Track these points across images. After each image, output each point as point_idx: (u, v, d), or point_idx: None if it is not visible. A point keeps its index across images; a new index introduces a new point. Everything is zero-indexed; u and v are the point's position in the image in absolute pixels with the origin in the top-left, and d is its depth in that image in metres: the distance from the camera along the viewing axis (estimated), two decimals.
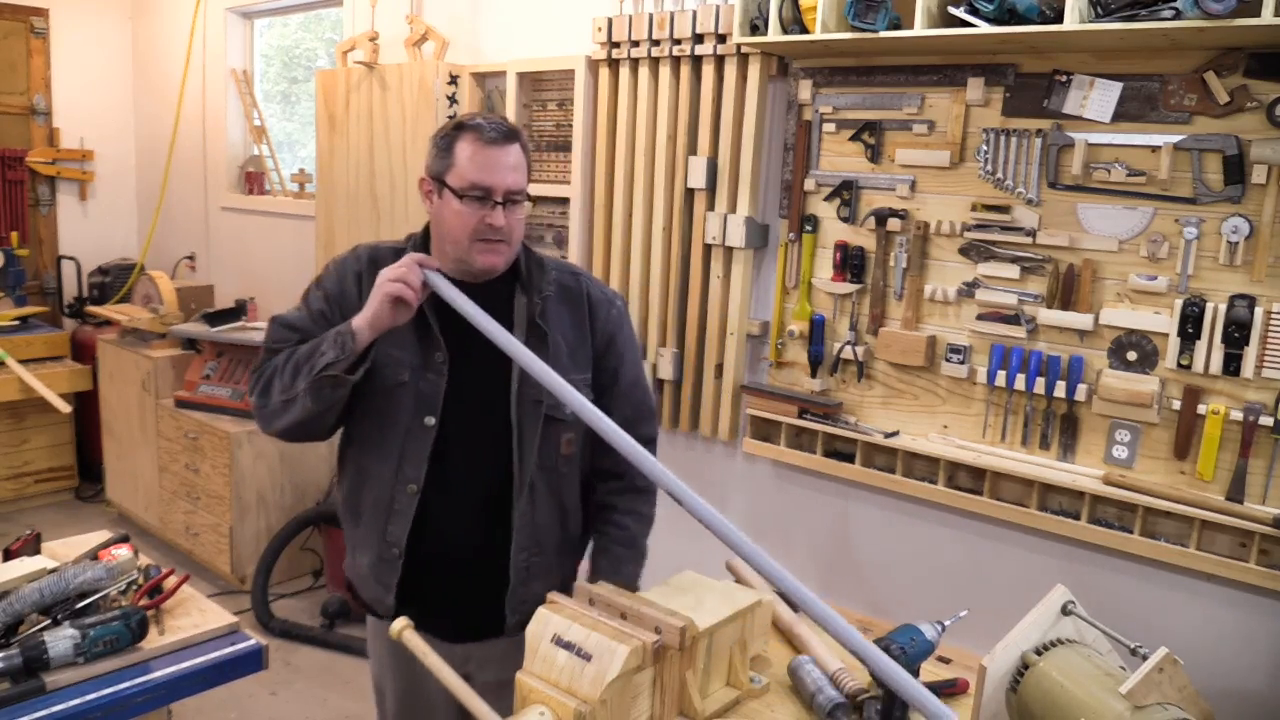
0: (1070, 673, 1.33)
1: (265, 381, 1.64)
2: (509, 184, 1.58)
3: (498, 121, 1.60)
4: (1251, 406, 2.02)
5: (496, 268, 1.63)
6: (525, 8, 3.32)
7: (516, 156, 1.60)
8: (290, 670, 3.29)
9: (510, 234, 1.61)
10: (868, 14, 2.23)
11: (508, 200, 1.58)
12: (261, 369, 1.67)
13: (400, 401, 1.64)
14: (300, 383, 1.57)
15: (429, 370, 1.64)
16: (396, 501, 1.66)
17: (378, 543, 1.68)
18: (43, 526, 2.22)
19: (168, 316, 4.15)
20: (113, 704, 1.55)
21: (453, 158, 1.58)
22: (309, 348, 1.60)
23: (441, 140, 1.61)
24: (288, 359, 1.62)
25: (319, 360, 1.55)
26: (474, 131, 1.58)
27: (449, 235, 1.62)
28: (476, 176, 1.56)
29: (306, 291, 1.74)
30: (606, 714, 1.27)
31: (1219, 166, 2.02)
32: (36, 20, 4.90)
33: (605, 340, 1.73)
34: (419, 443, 1.64)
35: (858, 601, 2.59)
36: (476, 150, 1.57)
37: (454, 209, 1.58)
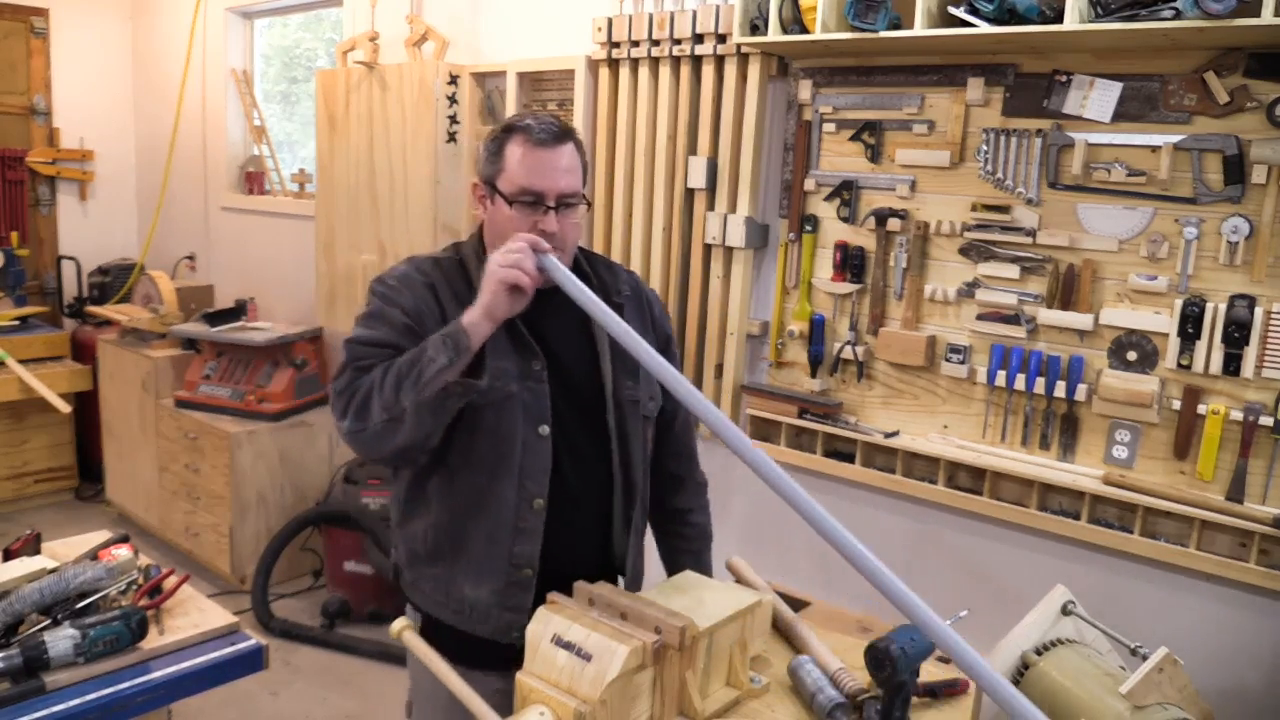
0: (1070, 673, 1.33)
1: (360, 402, 1.45)
2: (561, 187, 1.51)
3: (549, 121, 1.53)
4: (1251, 406, 2.02)
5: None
6: (525, 8, 3.32)
7: (569, 158, 1.53)
8: (290, 670, 3.29)
9: (564, 240, 1.53)
10: (868, 14, 2.23)
11: (560, 204, 1.51)
12: (350, 388, 1.48)
13: (512, 414, 1.53)
14: (407, 397, 1.40)
15: (530, 379, 1.54)
16: (522, 519, 1.54)
17: (503, 567, 1.55)
18: (43, 526, 2.22)
19: (168, 316, 4.15)
20: (113, 704, 1.55)
21: (503, 161, 1.52)
22: (409, 358, 1.43)
23: (491, 143, 1.55)
24: (385, 373, 1.45)
25: (428, 368, 1.39)
26: (523, 133, 1.51)
27: (501, 241, 1.50)
28: (527, 181, 1.50)
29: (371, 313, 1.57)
30: (606, 714, 1.27)
31: (1219, 166, 2.02)
32: (36, 20, 4.90)
33: (664, 339, 1.72)
34: (537, 455, 1.54)
35: (858, 601, 2.59)
36: (526, 153, 1.50)
37: (505, 215, 1.52)
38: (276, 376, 3.89)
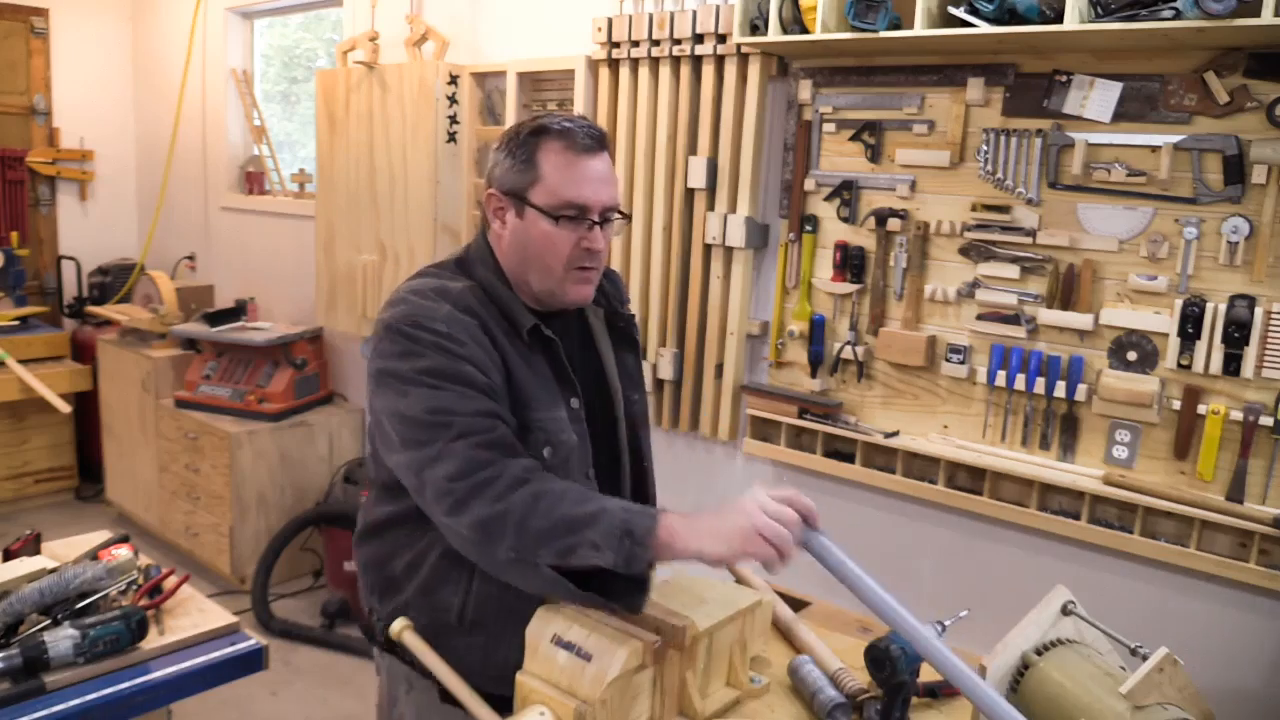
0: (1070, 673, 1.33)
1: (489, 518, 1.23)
2: (605, 200, 1.37)
3: (586, 124, 1.38)
4: (1251, 406, 2.02)
5: (587, 300, 1.44)
6: (525, 8, 3.32)
7: (610, 165, 1.39)
8: (290, 670, 3.29)
9: (603, 259, 1.41)
10: (868, 14, 2.23)
11: (604, 219, 1.38)
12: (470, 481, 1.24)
13: (571, 466, 1.41)
14: (546, 556, 1.21)
15: (574, 421, 1.42)
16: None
17: None
18: (43, 526, 2.22)
19: (168, 316, 4.15)
20: (113, 704, 1.55)
21: (537, 170, 1.35)
22: (565, 520, 1.19)
23: (519, 149, 1.37)
24: (531, 509, 1.21)
25: (585, 551, 1.18)
26: (563, 138, 1.35)
27: (535, 262, 1.38)
28: (572, 193, 1.34)
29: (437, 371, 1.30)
30: (606, 714, 1.27)
31: (1219, 166, 2.02)
32: (36, 20, 4.90)
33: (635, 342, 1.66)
34: None
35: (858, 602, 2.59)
36: (568, 161, 1.34)
37: (543, 231, 1.36)
38: (276, 376, 3.89)
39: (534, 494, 1.22)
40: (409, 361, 1.31)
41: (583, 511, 1.20)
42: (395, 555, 1.47)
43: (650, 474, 1.64)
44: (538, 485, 1.24)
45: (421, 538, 1.42)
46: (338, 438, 3.99)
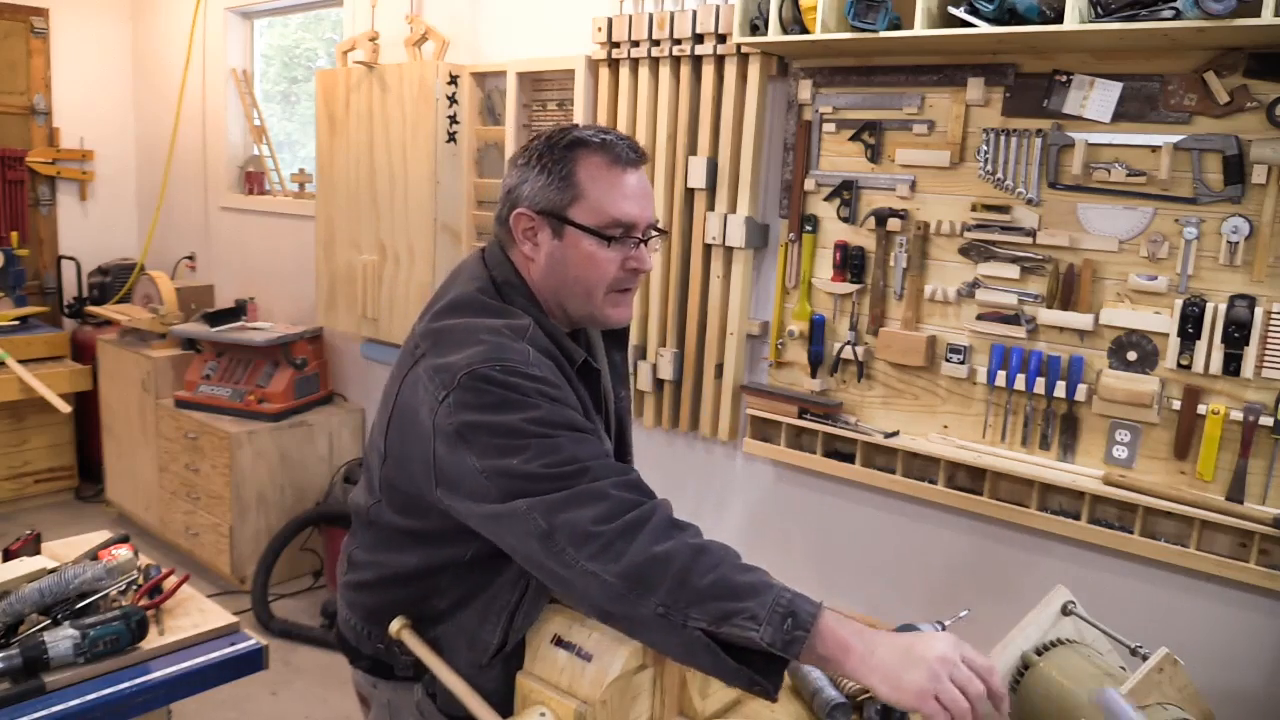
0: (1070, 673, 1.33)
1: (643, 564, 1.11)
2: (650, 216, 1.32)
3: (625, 138, 1.32)
4: (1251, 406, 2.02)
5: (626, 322, 1.38)
6: (525, 8, 3.32)
7: (647, 180, 1.34)
8: (290, 670, 3.29)
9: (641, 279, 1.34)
10: (868, 14, 2.23)
11: (645, 237, 1.33)
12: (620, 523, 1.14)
13: None
14: (698, 621, 1.08)
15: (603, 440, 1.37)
16: None
17: None
18: (43, 526, 2.22)
19: (168, 316, 4.15)
20: (113, 704, 1.55)
21: (578, 187, 1.28)
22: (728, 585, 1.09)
23: (555, 164, 1.29)
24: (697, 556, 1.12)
25: (739, 622, 1.06)
26: (605, 152, 1.28)
27: (576, 285, 1.32)
28: (618, 209, 1.28)
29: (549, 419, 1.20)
30: (607, 714, 1.27)
31: (1219, 166, 2.02)
32: (36, 20, 4.90)
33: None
34: None
35: (858, 601, 2.60)
36: (612, 175, 1.28)
37: (586, 252, 1.29)
38: (276, 376, 3.89)
39: (696, 548, 1.13)
40: (514, 413, 1.19)
41: (746, 580, 1.10)
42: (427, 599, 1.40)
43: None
44: (695, 539, 1.16)
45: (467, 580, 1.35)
46: (338, 438, 3.99)
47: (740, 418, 2.86)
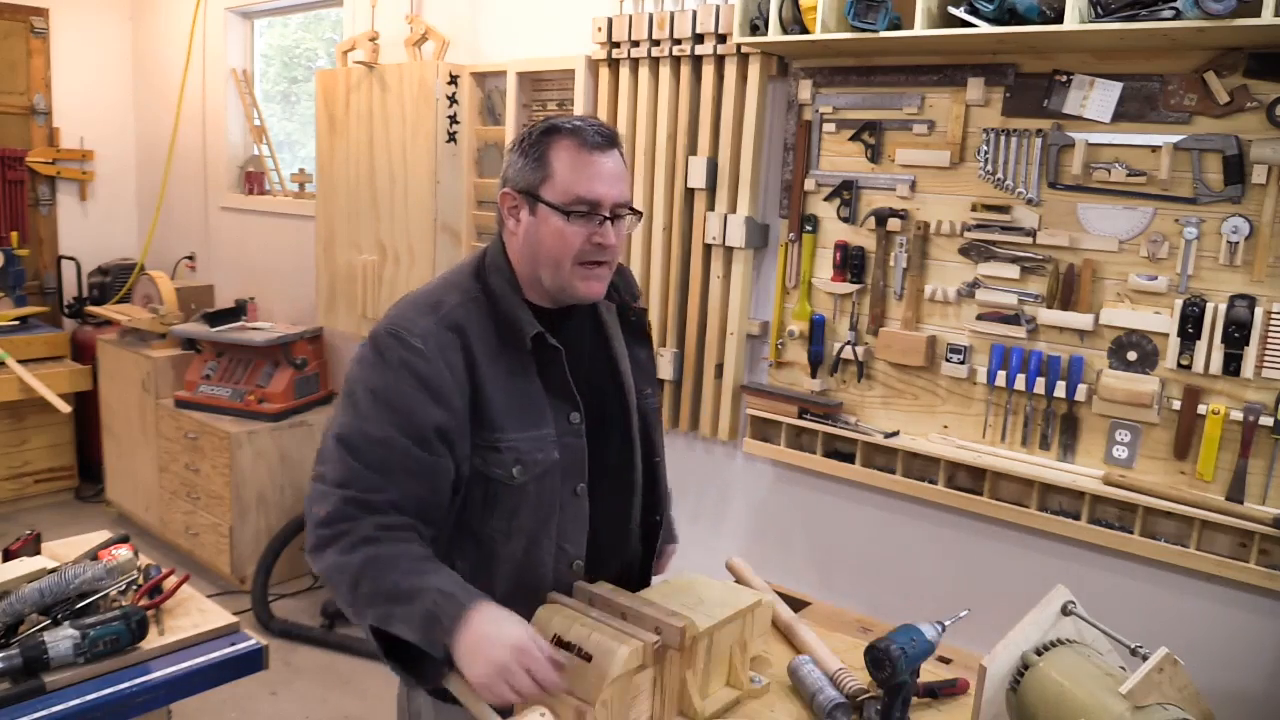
0: (1070, 673, 1.33)
1: (334, 566, 1.31)
2: (617, 196, 1.40)
3: (597, 123, 1.42)
4: (1251, 406, 2.02)
5: (598, 296, 1.45)
6: (525, 8, 3.32)
7: (620, 163, 1.42)
8: (290, 670, 3.29)
9: (614, 254, 1.43)
10: (868, 14, 2.23)
11: (615, 215, 1.41)
12: (333, 526, 1.31)
13: (551, 481, 1.44)
14: (366, 619, 1.30)
15: (566, 435, 1.45)
16: (559, 583, 1.47)
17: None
18: (43, 526, 2.22)
19: (168, 316, 4.15)
20: (113, 704, 1.55)
21: (549, 168, 1.38)
22: (397, 586, 1.26)
23: (531, 149, 1.40)
24: (362, 574, 1.27)
25: (395, 622, 1.26)
26: (573, 136, 1.39)
27: (546, 258, 1.40)
28: (583, 188, 1.37)
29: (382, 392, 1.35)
30: (607, 714, 1.27)
31: (1219, 166, 2.02)
32: (36, 20, 4.90)
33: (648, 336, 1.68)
34: (576, 516, 1.47)
35: (858, 601, 2.59)
36: (579, 157, 1.38)
37: (554, 227, 1.38)
38: (276, 376, 3.89)
39: (371, 557, 1.29)
40: (366, 374, 1.38)
41: (406, 586, 1.26)
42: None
43: (661, 469, 1.65)
44: (377, 549, 1.29)
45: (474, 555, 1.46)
46: None
47: (740, 418, 2.85)
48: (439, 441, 1.35)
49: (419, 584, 1.27)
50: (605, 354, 1.55)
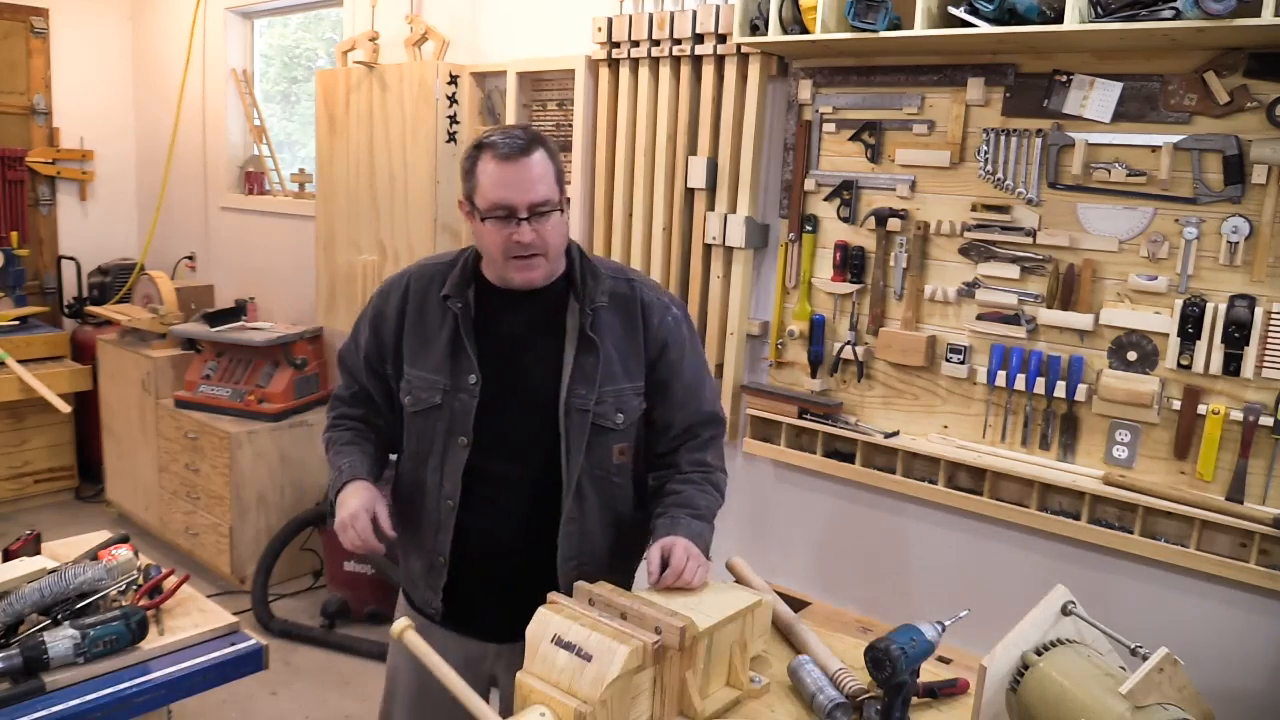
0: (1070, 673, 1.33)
1: (327, 429, 1.84)
2: (531, 198, 1.56)
3: (515, 134, 1.58)
4: (1251, 406, 2.02)
5: (534, 282, 1.63)
6: (525, 8, 3.32)
7: (539, 167, 1.57)
8: (290, 670, 3.29)
9: (545, 246, 1.59)
10: (868, 14, 2.24)
11: (533, 214, 1.56)
12: (330, 406, 1.86)
13: (435, 423, 1.67)
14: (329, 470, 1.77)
15: (461, 391, 1.65)
16: (440, 514, 1.69)
17: (428, 551, 1.72)
18: (43, 526, 2.22)
19: (168, 316, 4.15)
20: (113, 704, 1.55)
21: (476, 179, 1.59)
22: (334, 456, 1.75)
23: (465, 162, 1.62)
24: (331, 444, 1.79)
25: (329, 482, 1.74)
26: (492, 149, 1.57)
27: (486, 254, 1.65)
28: (497, 196, 1.56)
29: (358, 322, 1.81)
30: (607, 714, 1.27)
31: (1219, 166, 2.02)
32: (36, 20, 4.90)
33: (658, 348, 1.70)
34: (455, 461, 1.66)
35: (858, 601, 2.60)
36: (495, 168, 1.56)
37: (482, 229, 1.60)
38: (276, 376, 3.89)
39: (328, 439, 1.81)
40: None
41: (332, 461, 1.75)
42: None
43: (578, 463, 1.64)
44: (330, 434, 1.81)
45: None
46: None
47: (740, 418, 2.85)
48: (374, 355, 1.76)
49: (336, 461, 1.73)
50: (554, 345, 1.66)
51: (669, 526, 1.61)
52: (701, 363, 1.79)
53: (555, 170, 1.60)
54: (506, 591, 1.68)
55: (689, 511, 1.65)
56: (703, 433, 1.75)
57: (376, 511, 1.62)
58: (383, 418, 1.80)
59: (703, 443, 1.74)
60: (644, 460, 1.76)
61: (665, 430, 1.73)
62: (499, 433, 1.66)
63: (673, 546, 1.56)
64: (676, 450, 1.74)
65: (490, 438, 1.65)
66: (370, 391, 1.79)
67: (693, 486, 1.69)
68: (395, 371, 1.74)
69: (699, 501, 1.67)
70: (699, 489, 1.69)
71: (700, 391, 1.75)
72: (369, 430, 1.80)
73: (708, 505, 1.69)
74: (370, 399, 1.80)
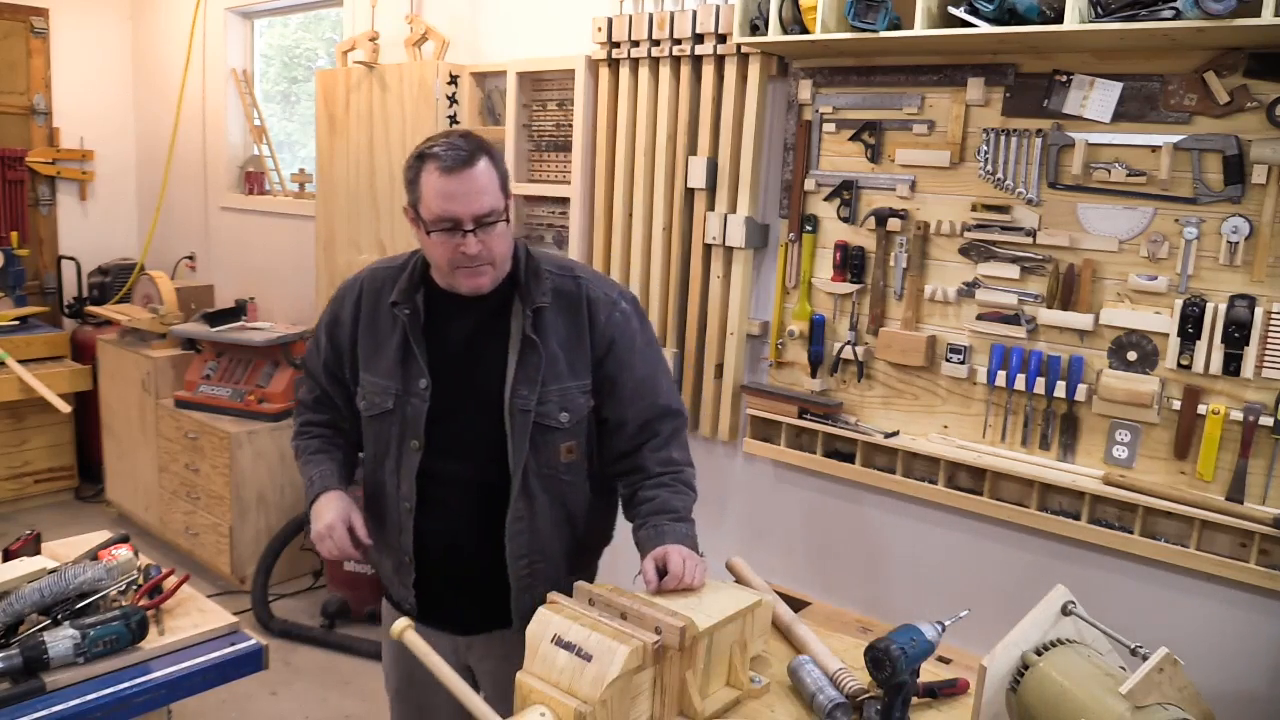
0: (1070, 673, 1.33)
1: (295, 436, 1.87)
2: (475, 210, 1.55)
3: (458, 145, 1.56)
4: (1251, 406, 2.02)
5: (482, 289, 1.63)
6: (525, 8, 3.32)
7: (484, 178, 1.56)
8: (290, 670, 3.29)
9: (491, 255, 1.59)
10: (868, 14, 2.23)
11: (480, 225, 1.56)
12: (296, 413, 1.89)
13: (389, 427, 1.70)
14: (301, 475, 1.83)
15: (412, 396, 1.67)
16: (399, 516, 1.71)
17: (395, 550, 1.75)
18: (43, 526, 2.22)
19: (168, 316, 4.15)
20: (113, 704, 1.55)
21: (419, 190, 1.57)
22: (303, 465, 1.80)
23: (409, 172, 1.60)
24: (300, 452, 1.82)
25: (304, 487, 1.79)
26: (433, 160, 1.55)
27: (433, 263, 1.65)
28: (441, 209, 1.54)
29: (317, 329, 1.83)
30: (607, 714, 1.27)
31: (1219, 166, 2.02)
32: (36, 20, 4.90)
33: (605, 344, 1.69)
34: (408, 464, 1.68)
35: (858, 601, 2.60)
36: (439, 180, 1.54)
37: (428, 240, 1.59)
38: (276, 376, 3.89)
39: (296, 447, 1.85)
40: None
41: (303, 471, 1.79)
42: None
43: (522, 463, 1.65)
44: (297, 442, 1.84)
45: None
46: None
47: (740, 418, 2.85)
48: (333, 360, 1.78)
49: (307, 471, 1.78)
50: (499, 347, 1.66)
51: (655, 537, 1.62)
52: (656, 357, 1.77)
53: (500, 177, 1.60)
54: (469, 587, 1.72)
55: (669, 516, 1.65)
56: (662, 429, 1.73)
57: (352, 521, 1.67)
58: (348, 421, 1.82)
59: (664, 440, 1.73)
60: (606, 459, 1.75)
61: (620, 427, 1.72)
62: (450, 435, 1.67)
63: (667, 554, 1.56)
64: (639, 450, 1.72)
65: (442, 440, 1.67)
66: (332, 395, 1.81)
67: (665, 490, 1.69)
68: (352, 376, 1.76)
69: (675, 504, 1.68)
70: (672, 491, 1.69)
71: (653, 385, 1.73)
72: (336, 435, 1.83)
73: (684, 505, 1.69)
74: (334, 403, 1.82)
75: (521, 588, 1.68)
